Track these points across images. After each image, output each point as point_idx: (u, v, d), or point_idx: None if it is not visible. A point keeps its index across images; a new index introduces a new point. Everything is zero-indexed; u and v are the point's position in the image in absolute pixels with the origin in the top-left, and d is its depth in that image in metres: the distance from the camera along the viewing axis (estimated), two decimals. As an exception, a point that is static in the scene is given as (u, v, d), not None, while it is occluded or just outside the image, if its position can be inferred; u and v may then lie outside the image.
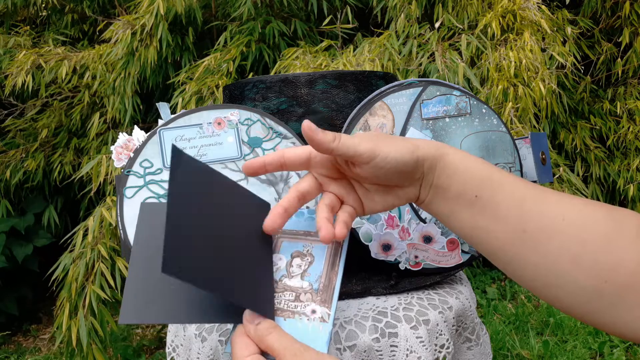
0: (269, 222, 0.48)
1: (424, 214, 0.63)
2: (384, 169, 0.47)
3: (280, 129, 0.63)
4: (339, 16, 1.94)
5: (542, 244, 0.43)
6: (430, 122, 0.63)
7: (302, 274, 0.51)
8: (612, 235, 0.42)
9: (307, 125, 0.46)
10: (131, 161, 0.60)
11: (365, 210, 0.52)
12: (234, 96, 0.68)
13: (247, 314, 0.43)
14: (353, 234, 0.62)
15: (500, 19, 1.71)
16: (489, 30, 1.71)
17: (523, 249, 0.44)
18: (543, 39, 1.78)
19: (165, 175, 0.60)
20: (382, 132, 0.62)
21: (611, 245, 0.41)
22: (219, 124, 0.62)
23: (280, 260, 0.51)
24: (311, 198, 0.51)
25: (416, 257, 0.62)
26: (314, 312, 0.48)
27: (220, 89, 1.72)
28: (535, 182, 0.64)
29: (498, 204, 0.46)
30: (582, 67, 2.15)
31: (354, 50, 1.77)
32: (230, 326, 0.58)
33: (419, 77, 1.65)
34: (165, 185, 0.60)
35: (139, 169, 0.60)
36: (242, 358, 0.42)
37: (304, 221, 0.54)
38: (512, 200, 0.45)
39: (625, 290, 0.40)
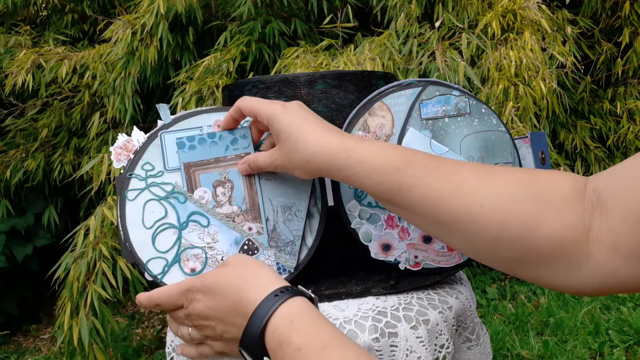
0: (224, 125, 0.60)
1: (423, 215, 0.63)
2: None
3: (280, 129, 0.63)
4: (339, 15, 1.94)
5: (460, 231, 0.46)
6: (430, 122, 0.63)
7: (229, 200, 0.59)
8: (533, 213, 0.43)
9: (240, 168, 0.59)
10: (133, 164, 0.61)
11: None
12: (234, 96, 0.68)
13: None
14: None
15: (501, 18, 1.71)
16: (489, 29, 1.71)
17: (443, 234, 0.48)
18: (543, 38, 1.78)
19: (166, 177, 0.60)
20: (382, 132, 0.62)
21: (533, 221, 0.43)
22: (219, 126, 0.62)
23: (206, 193, 0.59)
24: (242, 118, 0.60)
25: (416, 257, 0.63)
26: (250, 229, 0.59)
27: (220, 88, 1.72)
28: None
29: (411, 205, 0.48)
30: (582, 67, 2.15)
31: (355, 49, 1.77)
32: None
33: (419, 77, 1.65)
34: (166, 188, 0.60)
35: (141, 172, 0.60)
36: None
37: (209, 147, 0.60)
38: (424, 201, 0.47)
39: (547, 256, 0.42)
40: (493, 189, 0.45)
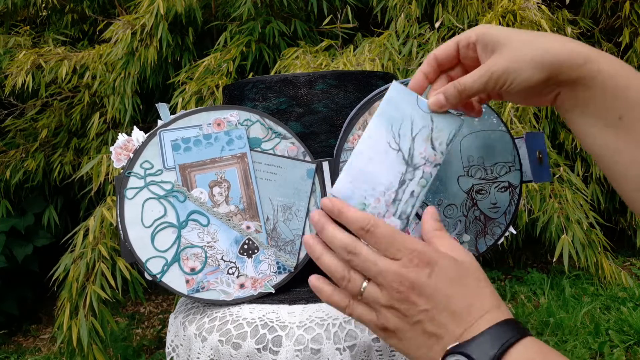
0: (414, 85, 0.49)
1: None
2: (513, 91, 0.46)
3: (280, 129, 0.63)
4: (339, 16, 1.94)
5: None
6: (430, 122, 0.63)
7: (226, 199, 0.60)
8: None
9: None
10: (132, 162, 0.60)
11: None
12: (234, 96, 0.68)
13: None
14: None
15: (501, 19, 1.71)
16: (488, 30, 1.71)
17: None
18: (543, 38, 1.78)
19: (165, 176, 0.60)
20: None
21: None
22: (219, 124, 0.62)
23: (202, 194, 0.59)
24: (449, 66, 0.50)
25: (416, 257, 0.62)
26: (248, 227, 0.60)
27: (220, 89, 1.72)
28: (530, 181, 0.64)
29: None
30: (582, 67, 2.14)
31: (354, 50, 1.78)
32: (233, 331, 0.58)
33: (418, 77, 1.64)
34: (165, 186, 0.60)
35: (140, 170, 0.60)
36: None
37: (205, 148, 0.60)
38: None
39: None
40: None
